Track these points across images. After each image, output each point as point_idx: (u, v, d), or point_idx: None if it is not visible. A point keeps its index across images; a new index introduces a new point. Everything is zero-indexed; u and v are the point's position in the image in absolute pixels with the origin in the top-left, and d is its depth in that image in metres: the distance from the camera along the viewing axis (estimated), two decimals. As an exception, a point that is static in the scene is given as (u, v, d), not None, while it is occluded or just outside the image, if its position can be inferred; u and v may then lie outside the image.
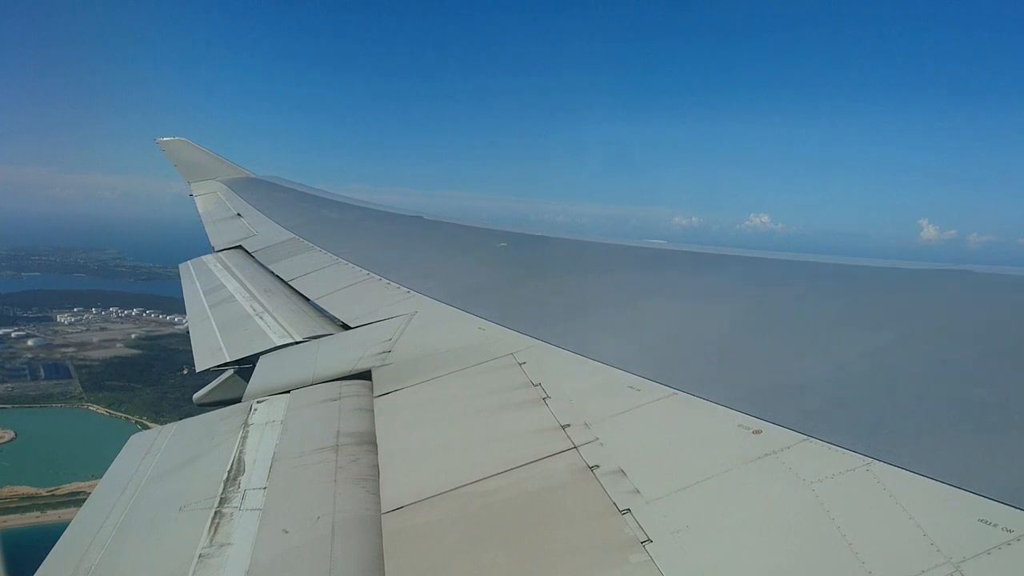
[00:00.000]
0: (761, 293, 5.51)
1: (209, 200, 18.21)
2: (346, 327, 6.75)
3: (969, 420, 2.89)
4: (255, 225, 14.20)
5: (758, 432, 3.11)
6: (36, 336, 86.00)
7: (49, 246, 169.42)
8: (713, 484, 2.87)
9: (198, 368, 6.79)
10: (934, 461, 2.60)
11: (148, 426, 61.46)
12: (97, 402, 70.38)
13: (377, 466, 3.79)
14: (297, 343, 6.64)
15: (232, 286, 9.91)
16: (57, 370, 77.62)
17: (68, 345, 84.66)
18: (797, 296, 5.32)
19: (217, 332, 7.70)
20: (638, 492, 2.94)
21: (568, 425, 3.64)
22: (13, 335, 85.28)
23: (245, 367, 6.48)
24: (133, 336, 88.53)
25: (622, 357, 4.31)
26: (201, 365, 6.79)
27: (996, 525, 2.21)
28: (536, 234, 9.98)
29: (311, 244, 11.15)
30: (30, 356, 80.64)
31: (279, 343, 6.69)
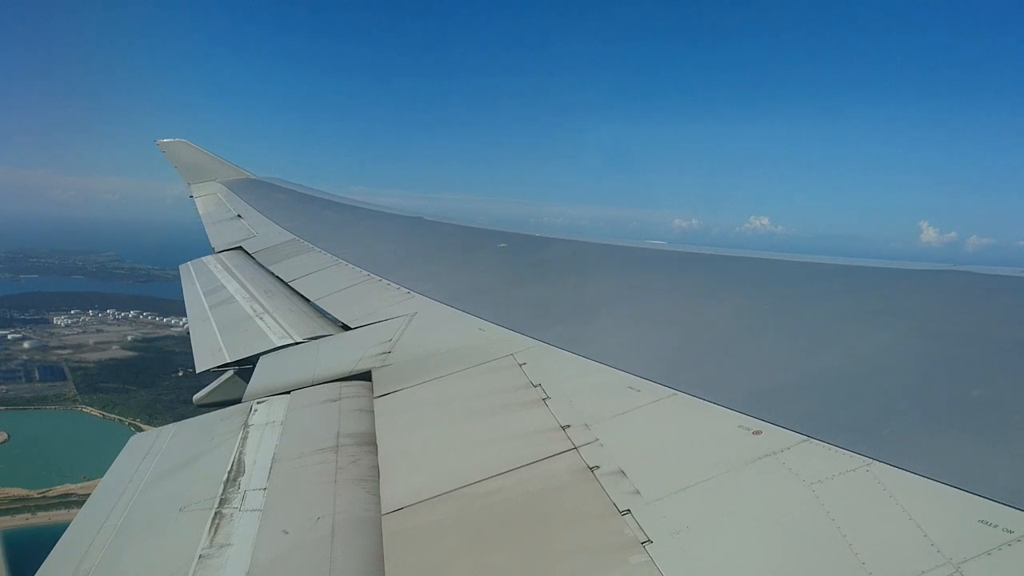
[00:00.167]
0: (761, 293, 5.51)
1: (209, 201, 18.21)
2: (346, 328, 6.76)
3: (969, 421, 2.89)
4: (255, 226, 14.20)
5: (758, 433, 3.11)
6: (32, 338, 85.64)
7: (48, 248, 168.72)
8: (713, 485, 2.87)
9: (198, 369, 6.78)
10: (934, 462, 2.60)
11: (141, 428, 61.33)
12: (91, 404, 69.96)
13: (377, 467, 3.79)
14: (297, 344, 6.64)
15: (232, 287, 9.92)
16: (52, 372, 77.22)
17: (64, 347, 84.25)
18: (797, 296, 5.32)
19: (217, 333, 7.71)
20: (638, 493, 2.94)
21: (568, 426, 3.64)
22: (9, 337, 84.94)
23: (245, 368, 6.48)
24: (129, 338, 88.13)
25: (622, 358, 4.31)
26: (201, 366, 6.79)
27: (996, 526, 2.21)
28: (536, 235, 9.98)
29: (311, 245, 11.16)
30: (25, 358, 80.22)
31: (279, 344, 6.70)
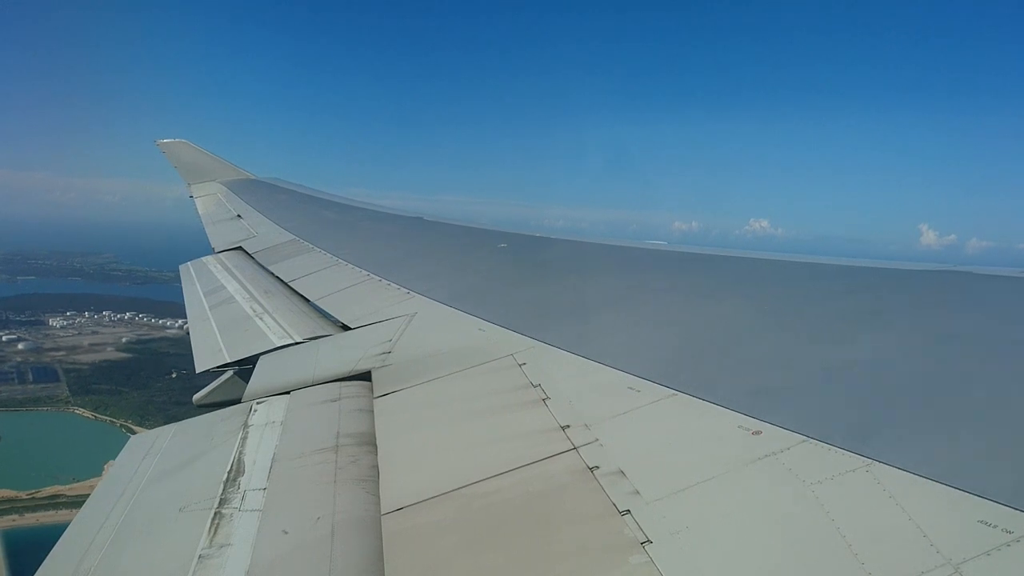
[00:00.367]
0: (760, 294, 5.51)
1: (209, 201, 18.22)
2: (346, 328, 6.76)
3: (969, 421, 2.89)
4: (255, 226, 14.21)
5: (758, 433, 3.11)
6: (27, 340, 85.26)
7: (46, 250, 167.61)
8: (713, 485, 2.87)
9: (198, 369, 6.78)
10: (934, 462, 2.60)
11: (133, 429, 61.15)
12: (83, 405, 69.64)
13: (377, 467, 3.78)
14: (297, 344, 6.64)
15: (232, 287, 9.92)
16: (45, 373, 76.88)
17: (58, 349, 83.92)
18: (796, 297, 5.32)
19: (217, 333, 7.71)
20: (638, 493, 2.94)
21: (568, 426, 3.64)
22: (3, 339, 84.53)
23: (245, 368, 6.48)
24: (124, 340, 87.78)
25: (622, 358, 4.31)
26: (201, 366, 6.79)
27: (996, 526, 2.21)
28: (536, 235, 9.99)
29: (311, 245, 11.16)
30: (19, 360, 79.80)
31: (279, 344, 6.69)
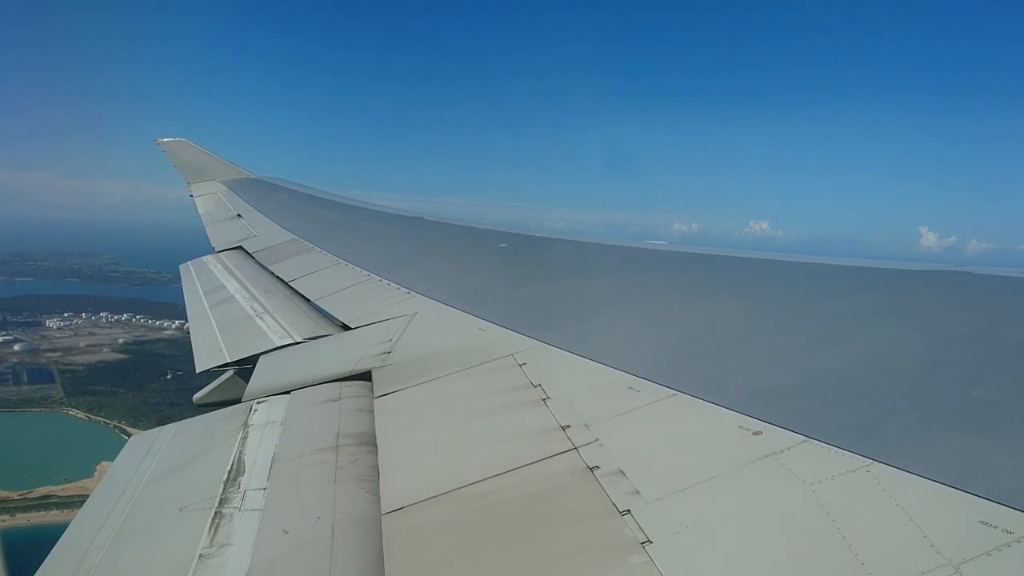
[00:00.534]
0: (760, 294, 5.51)
1: (209, 201, 18.21)
2: (346, 328, 6.75)
3: (969, 421, 2.89)
4: (255, 226, 14.20)
5: (758, 433, 3.11)
6: (23, 341, 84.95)
7: (45, 251, 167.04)
8: (713, 485, 2.87)
9: (198, 368, 6.78)
10: (934, 462, 2.60)
11: (127, 431, 60.87)
12: (78, 407, 69.51)
13: (377, 467, 3.78)
14: (297, 344, 6.64)
15: (232, 287, 9.92)
16: (40, 374, 76.69)
17: (54, 350, 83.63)
18: (796, 297, 5.32)
19: (217, 332, 7.71)
20: (638, 493, 2.94)
21: (568, 426, 3.64)
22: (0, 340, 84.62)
23: (245, 367, 6.48)
24: (120, 341, 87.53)
25: (622, 358, 4.31)
26: (201, 365, 6.79)
27: (996, 527, 2.21)
28: (536, 235, 9.99)
29: (311, 245, 11.15)
30: (15, 361, 79.56)
31: (279, 344, 6.69)
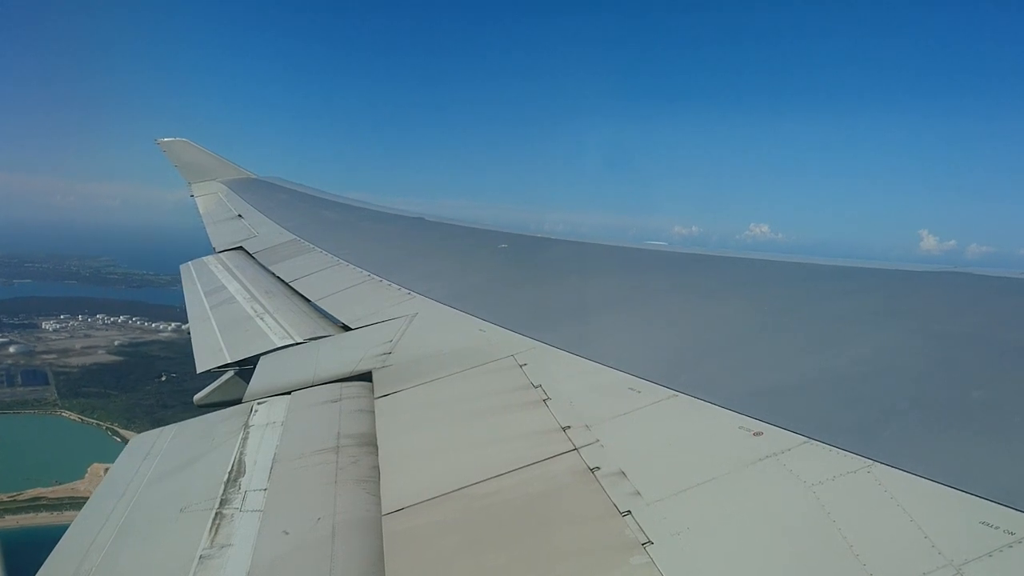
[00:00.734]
0: (761, 294, 5.51)
1: (210, 201, 18.22)
2: (347, 328, 6.75)
3: (970, 422, 2.88)
4: (256, 226, 14.20)
5: (759, 434, 3.11)
6: (18, 343, 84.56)
7: (44, 253, 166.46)
8: (714, 486, 2.86)
9: (199, 369, 6.78)
10: (935, 463, 2.60)
11: (119, 433, 60.37)
12: (71, 408, 69.38)
13: (378, 467, 3.78)
14: (298, 344, 6.64)
15: (233, 287, 9.92)
16: (35, 376, 76.46)
17: (50, 352, 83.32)
18: (797, 297, 5.32)
19: (218, 333, 7.71)
20: (639, 494, 2.94)
21: (569, 427, 3.64)
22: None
23: (246, 368, 6.48)
24: (116, 343, 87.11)
25: (623, 359, 4.31)
26: (202, 366, 6.79)
27: (998, 527, 2.21)
28: (537, 236, 9.99)
29: (312, 245, 11.16)
30: (10, 363, 79.20)
31: (280, 344, 6.70)
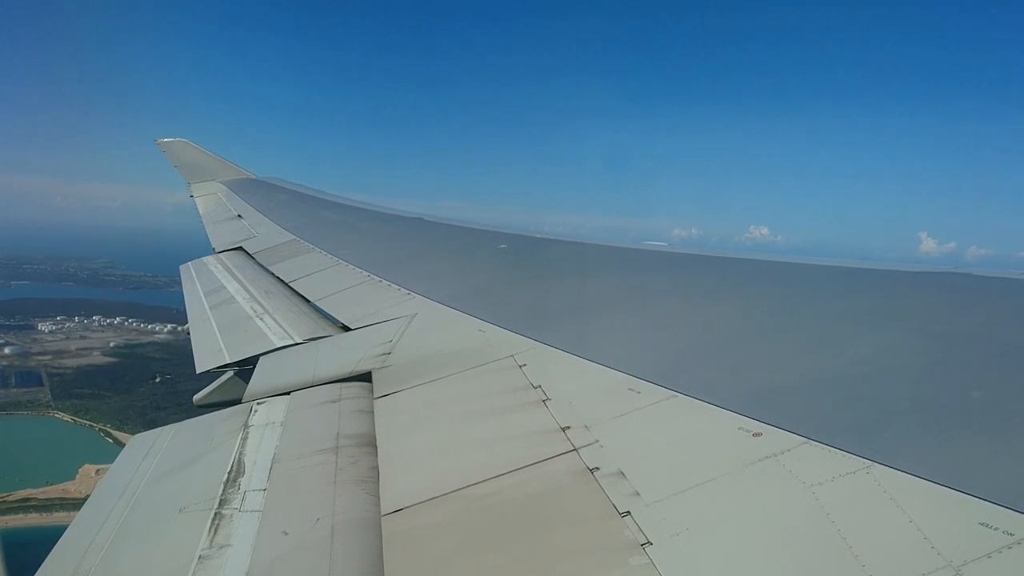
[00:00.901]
0: (760, 295, 5.51)
1: (210, 201, 18.22)
2: (346, 329, 6.75)
3: (970, 423, 2.88)
4: (256, 226, 14.21)
5: (758, 435, 3.11)
6: (14, 344, 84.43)
7: (42, 255, 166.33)
8: (713, 487, 2.86)
9: (199, 369, 6.78)
10: (934, 464, 2.60)
11: (112, 434, 60.36)
12: (64, 410, 69.49)
13: (377, 468, 3.78)
14: (297, 344, 6.64)
15: (233, 287, 9.92)
16: (29, 378, 76.49)
17: (45, 353, 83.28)
18: (796, 298, 5.32)
19: (217, 333, 7.71)
20: (638, 494, 2.94)
21: (568, 427, 3.64)
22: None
23: (245, 368, 6.48)
24: (111, 344, 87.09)
25: (622, 359, 4.31)
26: (201, 366, 6.78)
27: (997, 528, 2.21)
28: (536, 236, 9.99)
29: (312, 245, 11.16)
30: (4, 364, 79.10)
31: (279, 344, 6.69)
